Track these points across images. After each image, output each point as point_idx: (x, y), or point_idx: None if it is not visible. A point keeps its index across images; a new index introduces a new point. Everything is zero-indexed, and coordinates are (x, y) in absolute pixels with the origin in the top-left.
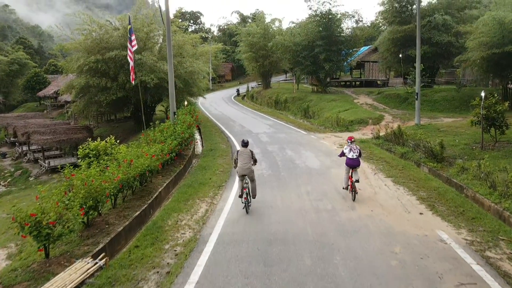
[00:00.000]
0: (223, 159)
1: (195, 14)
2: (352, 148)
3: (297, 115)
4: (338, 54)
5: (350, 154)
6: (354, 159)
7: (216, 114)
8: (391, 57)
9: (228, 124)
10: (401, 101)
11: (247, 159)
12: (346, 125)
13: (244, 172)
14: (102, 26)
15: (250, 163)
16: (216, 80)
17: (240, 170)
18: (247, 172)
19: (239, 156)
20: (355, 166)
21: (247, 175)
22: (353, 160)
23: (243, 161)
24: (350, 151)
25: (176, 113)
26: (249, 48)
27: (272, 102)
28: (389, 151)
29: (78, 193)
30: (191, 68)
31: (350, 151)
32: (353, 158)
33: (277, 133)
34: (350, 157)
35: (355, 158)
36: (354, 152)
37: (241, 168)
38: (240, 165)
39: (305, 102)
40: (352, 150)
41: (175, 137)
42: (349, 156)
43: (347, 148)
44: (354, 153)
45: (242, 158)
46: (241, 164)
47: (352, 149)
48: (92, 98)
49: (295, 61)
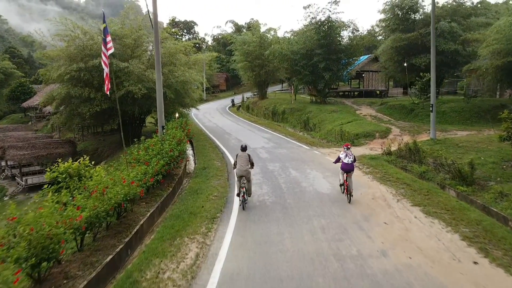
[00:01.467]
0: (218, 180)
1: (188, 23)
2: (348, 154)
3: (296, 127)
4: (337, 63)
5: (346, 159)
6: (349, 164)
7: (210, 126)
8: (394, 66)
9: (223, 138)
10: (406, 113)
11: (244, 162)
12: (351, 139)
13: (242, 174)
14: (86, 32)
15: (248, 166)
16: (211, 90)
17: (238, 171)
18: (245, 174)
19: (238, 159)
20: (350, 171)
21: (245, 176)
22: (348, 165)
23: (241, 163)
24: (346, 157)
25: (166, 126)
26: (244, 57)
27: (269, 113)
28: (404, 170)
29: (18, 243)
30: (183, 77)
31: (346, 156)
32: (348, 163)
33: (277, 148)
34: (346, 161)
35: (350, 163)
36: (350, 158)
37: (239, 170)
38: (239, 167)
39: (304, 113)
40: (348, 156)
41: (162, 156)
42: (345, 161)
43: (343, 153)
44: (350, 158)
45: (240, 161)
46: (240, 166)
47: (348, 155)
48: (74, 109)
49: (293, 71)
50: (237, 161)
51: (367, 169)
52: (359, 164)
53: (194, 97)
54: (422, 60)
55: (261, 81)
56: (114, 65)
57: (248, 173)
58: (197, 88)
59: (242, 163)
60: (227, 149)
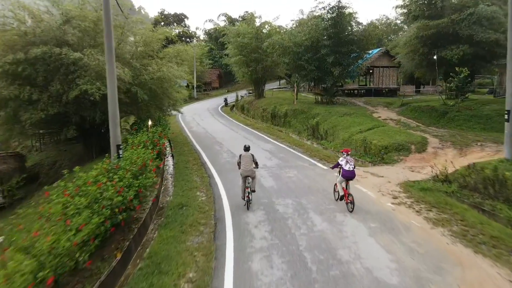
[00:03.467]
0: (199, 237)
1: (179, 16)
2: (348, 160)
3: (302, 134)
4: (348, 56)
5: (347, 166)
6: (351, 171)
7: (198, 132)
8: (419, 60)
9: (212, 150)
10: (437, 116)
11: (249, 162)
12: (380, 153)
13: (247, 174)
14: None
15: (252, 166)
16: (202, 88)
17: (243, 172)
18: (250, 173)
19: (241, 160)
20: (351, 178)
21: (250, 176)
22: (350, 172)
23: (246, 164)
24: (346, 163)
25: (124, 146)
26: (238, 50)
27: (268, 116)
28: (480, 210)
29: None
30: (160, 73)
31: (346, 163)
32: (349, 170)
33: (284, 168)
34: (347, 169)
35: (351, 170)
36: (351, 164)
37: (244, 170)
38: (243, 167)
39: (310, 116)
40: (348, 162)
41: (99, 208)
42: (346, 168)
43: (343, 160)
44: (351, 165)
45: (244, 162)
46: (244, 166)
47: (348, 161)
48: (11, 116)
49: (295, 66)
50: (241, 161)
51: (429, 212)
52: (411, 202)
53: (178, 98)
54: (455, 52)
55: (257, 78)
56: (63, 55)
57: (253, 173)
58: (180, 86)
59: (246, 163)
60: (217, 169)
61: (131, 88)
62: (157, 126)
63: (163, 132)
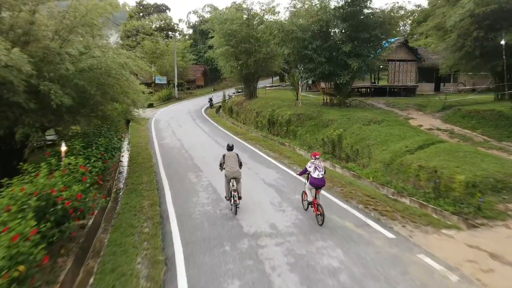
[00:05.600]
0: None
1: (159, 7)
2: (317, 166)
3: (314, 150)
4: (368, 45)
5: (316, 173)
6: (320, 179)
7: (170, 146)
8: (471, 47)
9: (184, 184)
10: (509, 126)
11: (234, 162)
12: (467, 196)
13: (233, 176)
14: None
15: (237, 166)
16: (185, 86)
17: (229, 174)
18: (236, 175)
19: (226, 160)
20: (321, 187)
21: (236, 178)
22: (319, 179)
23: (231, 164)
24: (315, 169)
25: None
26: (225, 40)
27: (264, 122)
28: None
29: None
30: (93, 60)
31: (315, 169)
32: (319, 177)
33: (315, 239)
34: (316, 176)
35: (321, 177)
36: (320, 171)
37: (230, 172)
38: (229, 169)
39: (321, 123)
40: (317, 168)
41: None
42: (314, 175)
43: (311, 165)
44: (320, 171)
45: (229, 162)
46: (230, 168)
47: (317, 167)
48: None
49: (299, 57)
50: (225, 162)
51: None
52: None
53: (138, 101)
54: None
55: (248, 74)
56: None
57: (239, 174)
58: (141, 84)
59: (231, 164)
60: (186, 239)
61: (39, 85)
62: (93, 148)
63: (106, 155)
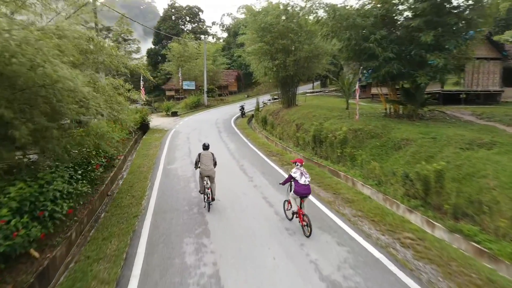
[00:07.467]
0: None
1: (192, 9)
2: (303, 172)
3: (387, 187)
4: (455, 35)
5: (302, 180)
6: (306, 186)
7: (177, 175)
8: None
9: (175, 267)
10: None
11: (209, 161)
12: None
13: (208, 174)
14: None
15: (212, 165)
16: (215, 92)
17: (203, 172)
18: (211, 173)
19: (201, 158)
20: (306, 195)
21: (209, 176)
22: (305, 187)
23: (206, 163)
24: (301, 176)
25: None
26: (258, 36)
27: (308, 139)
28: None
29: None
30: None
31: (301, 175)
32: (305, 184)
33: None
34: (302, 182)
35: (307, 184)
36: (306, 177)
37: (204, 170)
38: (204, 167)
39: (390, 143)
40: (303, 175)
41: None
42: (301, 181)
43: (296, 172)
44: (306, 178)
45: (205, 161)
46: (205, 166)
47: (303, 173)
48: None
49: (355, 52)
50: (201, 160)
51: None
52: None
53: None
54: None
55: (286, 76)
56: None
57: (213, 173)
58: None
59: (206, 162)
60: None
61: None
62: None
63: None
